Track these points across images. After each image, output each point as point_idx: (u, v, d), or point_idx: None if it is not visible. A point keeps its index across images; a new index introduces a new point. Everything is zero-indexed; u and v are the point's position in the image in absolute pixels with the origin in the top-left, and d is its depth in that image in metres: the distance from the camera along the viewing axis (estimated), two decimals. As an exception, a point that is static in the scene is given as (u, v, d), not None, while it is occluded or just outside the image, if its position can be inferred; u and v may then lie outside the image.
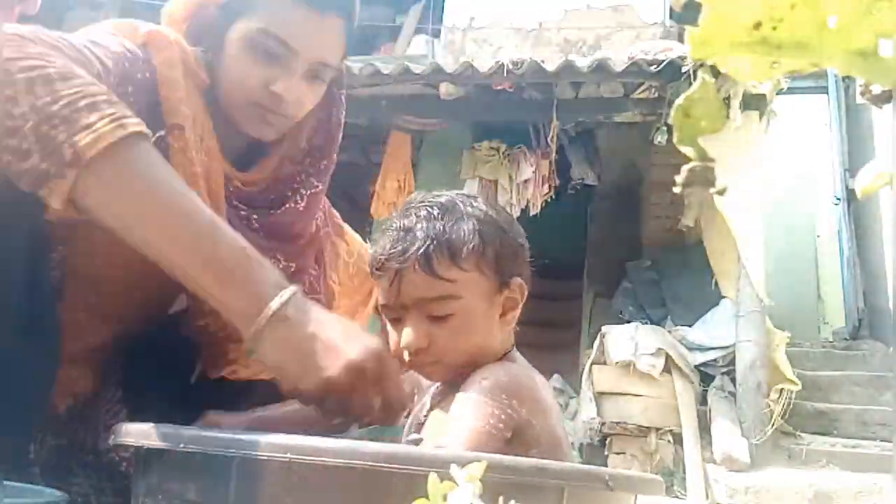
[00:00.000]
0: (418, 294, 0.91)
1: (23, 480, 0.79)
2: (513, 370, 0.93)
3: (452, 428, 0.84)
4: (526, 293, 1.00)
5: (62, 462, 1.06)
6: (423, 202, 0.96)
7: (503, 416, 0.84)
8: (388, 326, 0.97)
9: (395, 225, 0.95)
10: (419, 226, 0.92)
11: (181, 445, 0.63)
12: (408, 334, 0.92)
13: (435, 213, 0.94)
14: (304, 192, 1.18)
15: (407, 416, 1.04)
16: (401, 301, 0.93)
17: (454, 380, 0.93)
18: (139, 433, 0.68)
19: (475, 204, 0.98)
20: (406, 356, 0.93)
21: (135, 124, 0.78)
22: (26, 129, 0.72)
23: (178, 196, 0.78)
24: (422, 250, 0.90)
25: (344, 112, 1.23)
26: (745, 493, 3.86)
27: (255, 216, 1.12)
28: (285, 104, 1.06)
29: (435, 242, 0.91)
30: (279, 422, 0.97)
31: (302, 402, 0.82)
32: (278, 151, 1.16)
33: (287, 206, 1.16)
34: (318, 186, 1.20)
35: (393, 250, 0.92)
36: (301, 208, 1.17)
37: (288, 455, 0.59)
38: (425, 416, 0.98)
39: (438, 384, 1.00)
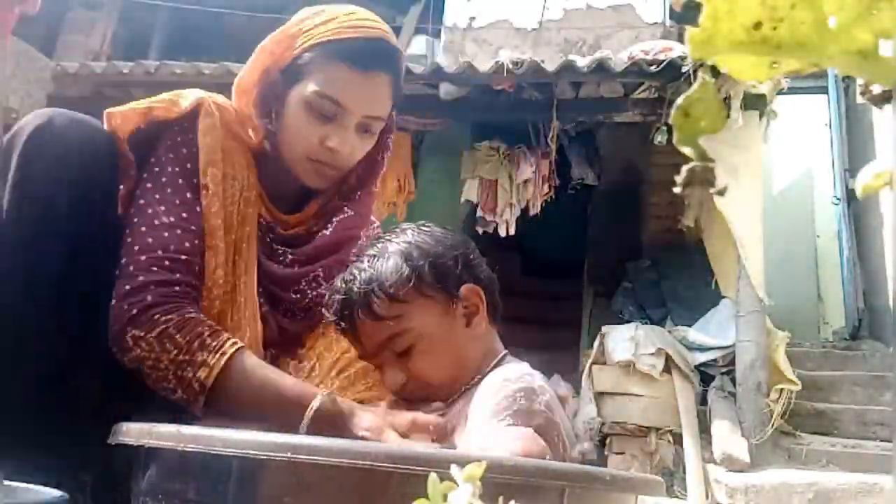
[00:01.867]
0: (375, 340, 1.00)
1: (26, 478, 0.79)
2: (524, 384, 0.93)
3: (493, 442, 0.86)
4: (484, 294, 1.03)
5: (68, 460, 1.06)
6: (357, 258, 1.05)
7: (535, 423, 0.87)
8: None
9: (336, 288, 1.04)
10: (354, 280, 1.01)
11: (181, 445, 0.63)
12: (386, 377, 1.01)
13: (365, 263, 1.02)
14: (333, 219, 1.29)
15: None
16: (367, 351, 1.02)
17: (449, 394, 0.99)
18: (139, 433, 0.68)
19: (402, 236, 1.04)
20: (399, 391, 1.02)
21: (231, 346, 1.05)
22: (170, 377, 1.04)
23: (269, 391, 1.04)
24: (361, 300, 0.99)
25: (389, 153, 1.35)
26: (745, 493, 3.86)
27: (290, 254, 1.26)
28: (339, 156, 1.19)
29: (369, 289, 0.98)
30: None
31: None
32: (327, 194, 1.30)
33: (318, 235, 1.28)
34: (347, 213, 1.30)
35: (340, 312, 1.02)
36: (328, 233, 1.28)
37: (288, 455, 0.59)
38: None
39: None
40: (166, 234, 1.11)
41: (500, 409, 0.87)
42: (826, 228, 6.76)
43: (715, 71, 0.36)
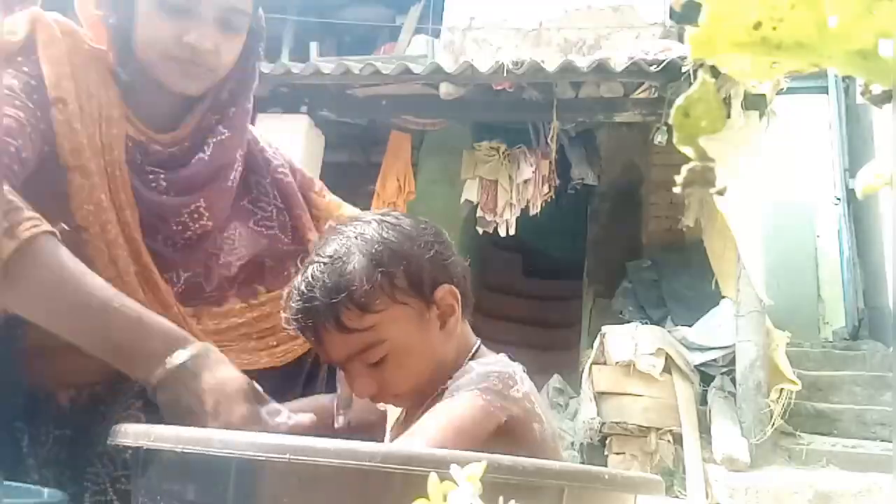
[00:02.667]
0: (344, 352, 0.91)
1: (22, 473, 0.79)
2: (496, 368, 0.90)
3: (416, 427, 0.83)
4: (459, 294, 0.95)
5: (71, 453, 1.06)
6: (315, 254, 0.93)
7: (486, 412, 0.82)
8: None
9: (295, 290, 0.92)
10: (316, 286, 0.88)
11: (180, 446, 0.63)
12: (356, 386, 0.93)
13: (327, 266, 0.89)
14: (210, 141, 1.16)
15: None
16: (333, 359, 0.94)
17: (424, 395, 0.94)
18: (138, 433, 0.68)
19: (368, 233, 0.91)
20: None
21: (27, 229, 0.87)
22: None
23: (71, 294, 0.89)
24: (328, 312, 0.87)
25: (260, 64, 1.23)
26: (745, 493, 3.86)
27: (162, 176, 1.12)
28: (201, 53, 1.08)
29: (336, 299, 0.87)
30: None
31: None
32: (201, 107, 1.17)
33: (195, 158, 1.15)
34: (224, 134, 1.17)
35: (302, 319, 0.90)
36: (207, 157, 1.15)
37: (287, 455, 0.59)
38: (405, 417, 0.98)
39: None
40: None
41: (468, 383, 0.85)
42: (826, 228, 6.77)
43: (715, 71, 0.36)
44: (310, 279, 0.89)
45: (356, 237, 0.91)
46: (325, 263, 0.90)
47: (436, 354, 0.93)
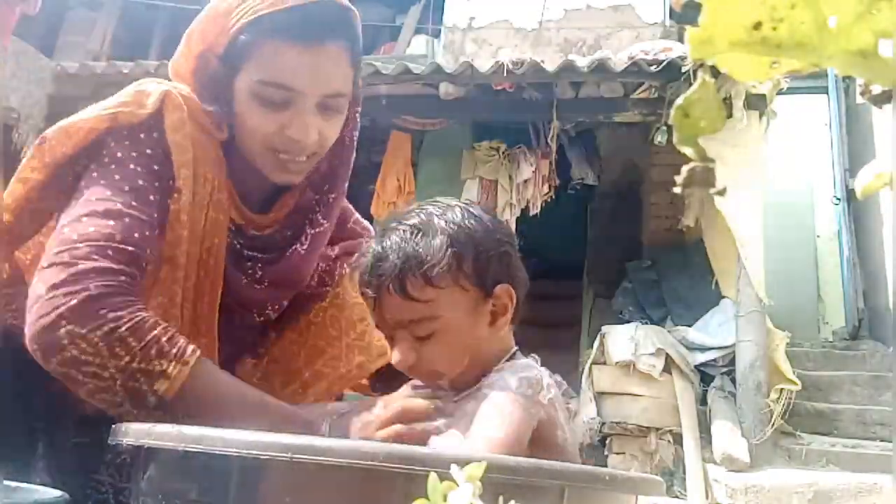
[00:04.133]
0: (398, 317, 0.94)
1: (30, 478, 0.79)
2: (531, 375, 0.92)
3: (477, 431, 0.85)
4: (516, 297, 0.98)
5: (83, 460, 1.07)
6: (398, 223, 0.96)
7: (529, 414, 0.86)
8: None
9: (371, 249, 0.96)
10: (392, 249, 0.93)
11: (182, 445, 0.63)
12: (396, 354, 0.96)
13: (407, 234, 0.93)
14: (309, 232, 1.16)
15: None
16: (384, 323, 0.97)
17: (460, 385, 0.96)
18: (139, 433, 0.68)
19: (451, 215, 0.96)
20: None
21: (192, 353, 0.92)
22: (117, 388, 0.89)
23: (228, 407, 0.94)
24: (395, 274, 0.91)
25: (357, 132, 1.22)
26: (745, 493, 3.86)
27: (259, 265, 1.13)
28: (303, 145, 1.05)
29: (406, 265, 0.91)
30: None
31: None
32: (300, 184, 1.15)
33: (293, 248, 1.15)
34: (323, 224, 1.17)
35: (369, 276, 0.94)
36: (303, 251, 1.16)
37: (289, 455, 0.59)
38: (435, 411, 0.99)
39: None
40: (111, 223, 0.95)
41: (501, 388, 0.88)
42: (826, 228, 6.76)
43: (715, 71, 0.36)
44: (388, 242, 0.94)
45: (440, 216, 0.95)
46: (406, 231, 0.94)
47: (478, 346, 0.96)
